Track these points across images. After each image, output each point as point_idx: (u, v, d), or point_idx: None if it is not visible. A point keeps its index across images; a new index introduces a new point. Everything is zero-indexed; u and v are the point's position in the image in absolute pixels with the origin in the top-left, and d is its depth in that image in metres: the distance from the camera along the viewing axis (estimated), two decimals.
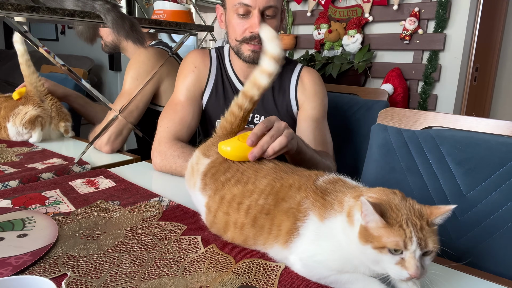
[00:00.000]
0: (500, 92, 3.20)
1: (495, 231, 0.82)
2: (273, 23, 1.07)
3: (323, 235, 0.58)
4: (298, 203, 0.61)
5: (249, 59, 1.09)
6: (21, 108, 1.38)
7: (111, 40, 1.48)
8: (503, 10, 3.00)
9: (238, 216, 0.66)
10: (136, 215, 0.80)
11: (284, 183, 0.66)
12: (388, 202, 0.54)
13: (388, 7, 2.36)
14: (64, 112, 1.50)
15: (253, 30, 1.04)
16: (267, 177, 0.69)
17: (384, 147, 1.00)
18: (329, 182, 0.64)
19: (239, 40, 1.08)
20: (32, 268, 0.59)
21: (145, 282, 0.58)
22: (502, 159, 0.84)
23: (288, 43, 2.75)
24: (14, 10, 0.91)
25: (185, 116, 1.14)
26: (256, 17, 1.03)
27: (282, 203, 0.63)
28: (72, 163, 1.09)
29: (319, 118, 1.16)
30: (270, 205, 0.64)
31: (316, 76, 1.21)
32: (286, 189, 0.64)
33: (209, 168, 0.76)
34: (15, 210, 0.78)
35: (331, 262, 0.57)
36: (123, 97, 1.34)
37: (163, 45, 1.52)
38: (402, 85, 2.28)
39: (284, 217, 0.61)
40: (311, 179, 0.64)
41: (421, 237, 0.50)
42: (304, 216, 0.59)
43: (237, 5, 1.04)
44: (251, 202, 0.66)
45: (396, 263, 0.50)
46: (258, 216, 0.64)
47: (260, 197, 0.65)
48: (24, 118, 1.35)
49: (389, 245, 0.50)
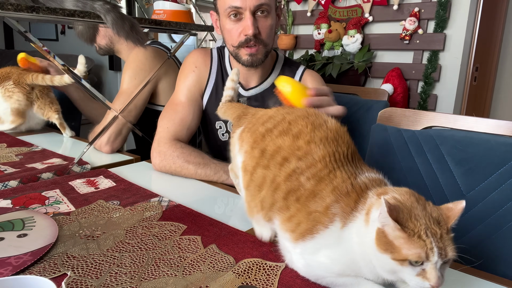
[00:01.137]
0: (500, 92, 3.20)
1: (495, 231, 0.82)
2: (267, 22, 1.05)
3: (339, 240, 0.55)
4: (326, 207, 0.56)
5: (248, 63, 1.08)
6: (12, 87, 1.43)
7: (105, 43, 1.49)
8: (503, 10, 3.00)
9: (278, 174, 0.61)
10: (136, 215, 0.80)
11: (334, 170, 0.58)
12: (409, 207, 0.51)
13: (388, 7, 2.36)
14: (52, 97, 1.52)
15: (247, 32, 1.02)
16: (326, 146, 0.61)
17: (384, 147, 1.00)
18: (372, 180, 0.59)
19: (235, 46, 1.07)
20: (32, 268, 0.60)
21: (145, 282, 0.58)
22: (502, 159, 0.84)
23: (288, 43, 2.75)
24: (14, 10, 0.91)
25: (185, 117, 1.14)
26: (248, 19, 1.01)
27: (312, 202, 0.57)
28: (72, 163, 1.09)
29: None
30: (305, 193, 0.58)
31: (318, 78, 1.20)
32: (327, 183, 0.58)
33: (244, 128, 0.72)
34: (15, 210, 0.78)
35: (335, 266, 0.56)
36: (122, 96, 1.34)
37: (157, 44, 1.52)
38: (402, 85, 2.28)
39: (306, 219, 0.57)
40: (352, 176, 0.58)
41: (441, 247, 0.49)
42: (329, 222, 0.55)
43: (228, 9, 1.03)
44: (296, 168, 0.60)
45: (416, 274, 0.49)
46: (291, 194, 0.59)
47: (306, 171, 0.59)
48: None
49: (411, 258, 0.48)
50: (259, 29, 1.04)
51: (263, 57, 1.08)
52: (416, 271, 0.49)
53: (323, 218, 0.56)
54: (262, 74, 1.16)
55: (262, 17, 1.04)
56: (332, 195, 0.56)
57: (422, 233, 0.48)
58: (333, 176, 0.58)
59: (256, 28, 1.03)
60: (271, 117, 0.69)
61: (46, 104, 1.48)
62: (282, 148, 0.62)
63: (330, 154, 0.60)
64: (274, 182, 0.62)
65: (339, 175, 0.58)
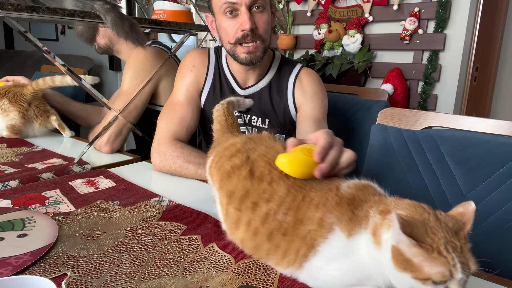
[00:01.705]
0: (500, 92, 3.20)
1: (495, 231, 0.82)
2: (263, 17, 1.05)
3: (348, 253, 0.52)
4: (319, 220, 0.54)
5: (246, 61, 1.08)
6: (7, 105, 1.39)
7: (104, 43, 1.48)
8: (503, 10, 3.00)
9: (253, 218, 0.60)
10: (136, 215, 0.80)
11: (306, 195, 0.58)
12: (422, 221, 0.47)
13: (388, 7, 2.36)
14: (48, 109, 1.49)
15: (244, 27, 1.02)
16: (285, 180, 0.60)
17: (384, 147, 1.00)
18: (356, 188, 0.56)
19: (233, 43, 1.06)
20: (32, 268, 0.59)
21: (145, 282, 0.58)
22: (502, 159, 0.84)
23: (288, 43, 2.75)
24: (14, 10, 0.91)
25: (184, 116, 1.14)
26: (244, 14, 1.01)
27: (301, 226, 0.56)
28: (72, 163, 1.09)
29: (319, 119, 1.15)
30: (289, 225, 0.57)
31: (315, 77, 1.19)
32: (307, 206, 0.56)
33: (212, 159, 0.72)
34: (15, 210, 0.78)
35: (349, 277, 0.53)
36: (122, 96, 1.34)
37: (158, 44, 1.52)
38: (402, 85, 2.28)
39: (303, 243, 0.55)
40: (334, 189, 0.57)
41: (464, 262, 0.45)
42: (327, 232, 0.53)
43: (223, 6, 1.02)
44: (269, 210, 0.59)
45: None
46: (275, 233, 0.58)
47: (279, 209, 0.58)
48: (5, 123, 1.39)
49: (434, 278, 0.44)
50: (256, 24, 1.04)
51: (261, 53, 1.08)
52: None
53: (320, 231, 0.54)
54: (259, 73, 1.16)
55: (258, 12, 1.04)
56: (321, 209, 0.54)
57: (442, 249, 0.45)
58: (309, 198, 0.57)
59: (253, 23, 1.03)
60: (238, 151, 0.66)
61: (44, 118, 1.45)
62: (249, 192, 0.61)
63: (291, 185, 0.59)
64: (251, 225, 0.60)
65: (316, 195, 0.57)
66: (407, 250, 0.46)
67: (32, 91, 1.42)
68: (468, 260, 0.46)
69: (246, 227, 0.61)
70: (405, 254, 0.46)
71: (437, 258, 0.44)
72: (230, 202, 0.63)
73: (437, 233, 0.46)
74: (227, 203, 0.64)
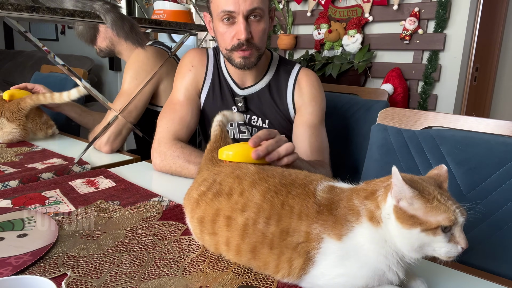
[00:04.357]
0: (500, 92, 3.20)
1: (495, 231, 0.82)
2: (260, 26, 1.04)
3: (345, 254, 0.52)
4: (306, 234, 0.54)
5: (241, 65, 1.08)
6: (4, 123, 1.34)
7: (105, 45, 1.47)
8: (503, 10, 3.00)
9: (230, 235, 0.58)
10: (136, 215, 0.80)
11: (284, 202, 0.57)
12: (413, 179, 0.51)
13: (388, 7, 2.36)
14: (45, 120, 1.44)
15: (240, 37, 1.02)
16: (257, 186, 0.59)
17: (384, 147, 1.00)
18: (328, 191, 0.57)
19: (228, 49, 1.06)
20: (32, 268, 0.60)
21: (145, 282, 0.58)
22: (502, 159, 0.84)
23: (288, 43, 2.75)
24: (14, 10, 0.91)
25: (184, 116, 1.14)
26: (241, 23, 1.01)
27: (288, 237, 0.55)
28: (72, 163, 1.09)
29: (316, 124, 1.14)
30: (274, 236, 0.55)
31: (314, 79, 1.19)
32: (288, 215, 0.55)
33: (186, 193, 0.71)
34: (15, 210, 0.78)
35: (357, 280, 0.53)
36: (122, 96, 1.34)
37: (160, 44, 1.52)
38: (402, 85, 2.28)
39: (295, 254, 0.54)
40: (311, 195, 0.57)
41: (459, 207, 0.49)
42: (318, 243, 0.53)
43: (221, 13, 1.02)
44: (246, 220, 0.57)
45: (448, 241, 0.48)
46: (259, 247, 0.56)
47: (258, 217, 0.56)
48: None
49: (444, 223, 0.47)
50: (251, 34, 1.03)
51: (255, 60, 1.08)
52: (448, 237, 0.48)
53: (311, 244, 0.53)
54: (257, 74, 1.16)
55: (255, 21, 1.03)
56: (304, 222, 0.54)
57: (439, 197, 0.48)
58: (289, 206, 0.56)
59: (249, 32, 1.02)
60: (205, 180, 0.67)
61: (42, 129, 1.42)
62: (220, 210, 0.60)
63: (265, 191, 0.58)
64: (230, 244, 0.59)
65: (294, 202, 0.56)
66: (409, 208, 0.48)
67: (31, 106, 1.36)
68: (460, 207, 0.49)
69: (226, 248, 0.60)
70: (408, 212, 0.48)
71: (439, 205, 0.48)
72: (203, 229, 0.63)
73: (429, 186, 0.50)
74: (200, 232, 0.64)
